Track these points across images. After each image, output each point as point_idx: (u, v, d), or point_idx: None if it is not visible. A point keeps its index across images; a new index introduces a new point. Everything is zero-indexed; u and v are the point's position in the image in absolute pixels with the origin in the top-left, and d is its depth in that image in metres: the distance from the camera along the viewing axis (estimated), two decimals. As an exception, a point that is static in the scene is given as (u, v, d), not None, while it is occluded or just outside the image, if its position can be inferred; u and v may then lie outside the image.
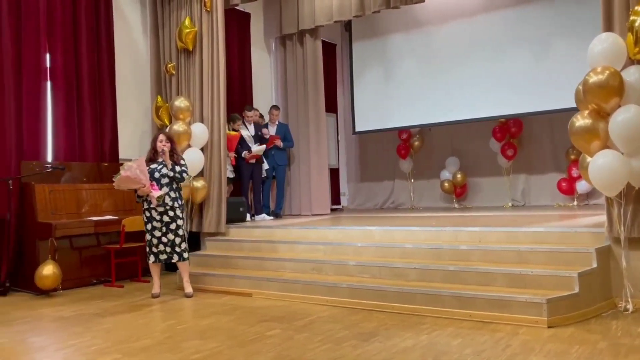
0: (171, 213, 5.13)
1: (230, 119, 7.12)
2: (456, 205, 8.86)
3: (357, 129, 9.45)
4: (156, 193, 4.99)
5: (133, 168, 4.86)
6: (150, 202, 5.05)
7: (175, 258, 5.18)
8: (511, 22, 7.76)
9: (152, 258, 5.20)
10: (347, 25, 9.52)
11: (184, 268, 5.29)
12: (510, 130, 8.28)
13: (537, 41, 7.53)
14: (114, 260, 5.89)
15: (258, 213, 7.50)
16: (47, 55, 6.10)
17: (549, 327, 3.67)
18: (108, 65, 6.64)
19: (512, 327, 3.71)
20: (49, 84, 6.11)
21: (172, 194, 5.15)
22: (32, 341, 3.81)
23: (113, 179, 4.99)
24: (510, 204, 8.39)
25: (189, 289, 5.25)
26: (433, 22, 8.49)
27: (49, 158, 6.09)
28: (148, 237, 5.18)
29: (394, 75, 8.89)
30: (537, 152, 8.34)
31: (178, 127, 6.14)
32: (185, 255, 5.24)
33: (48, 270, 5.27)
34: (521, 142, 8.39)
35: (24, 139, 5.83)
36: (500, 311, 3.87)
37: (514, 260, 4.38)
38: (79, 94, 6.35)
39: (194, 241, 6.48)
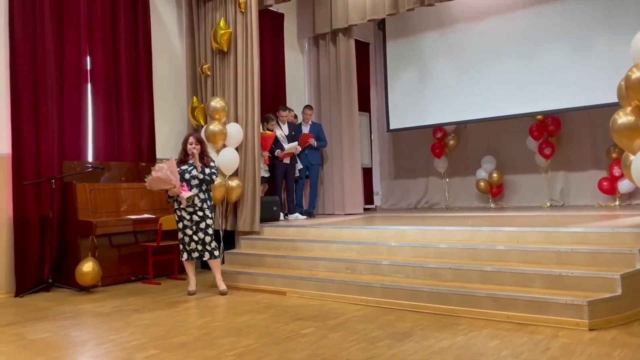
0: (200, 213, 5.22)
1: (264, 119, 7.19)
2: (492, 205, 8.71)
3: (391, 127, 9.39)
4: (186, 194, 5.09)
5: (164, 169, 4.97)
6: (180, 202, 5.15)
7: (207, 256, 5.28)
8: (549, 17, 7.58)
9: (185, 255, 5.31)
10: (381, 24, 9.47)
11: (215, 265, 5.37)
12: (547, 129, 8.09)
13: (577, 36, 7.34)
14: (151, 258, 6.02)
15: (291, 212, 7.54)
16: (88, 58, 6.27)
17: (590, 329, 3.57)
18: (146, 67, 6.79)
19: (551, 330, 3.63)
20: (89, 86, 6.29)
21: (202, 195, 5.24)
22: (74, 335, 3.93)
23: (145, 180, 5.11)
24: (548, 204, 8.20)
25: (222, 286, 5.32)
26: (468, 19, 8.37)
27: (90, 158, 6.26)
28: (180, 235, 5.29)
29: (428, 73, 8.80)
30: (577, 150, 8.13)
31: (214, 127, 6.23)
32: (217, 253, 5.32)
33: (88, 267, 5.42)
34: (560, 140, 8.19)
35: (66, 139, 6.01)
36: (539, 313, 3.79)
37: (553, 261, 4.28)
38: (118, 96, 6.51)
39: (229, 240, 6.56)
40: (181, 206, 5.17)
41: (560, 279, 3.99)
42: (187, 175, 5.19)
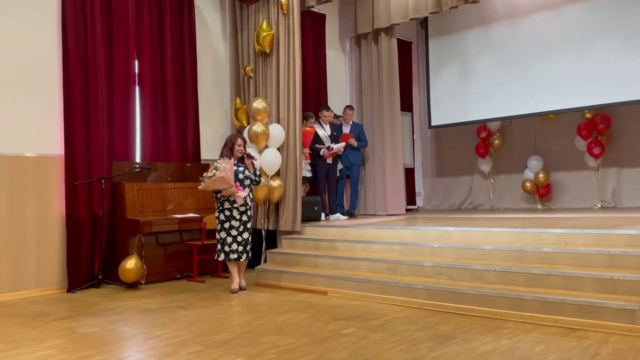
0: (249, 213, 5.40)
1: (303, 117, 7.18)
2: (539, 207, 8.47)
3: (433, 123, 9.26)
4: (242, 193, 5.25)
5: (227, 170, 5.09)
6: (232, 202, 5.25)
7: (244, 257, 5.39)
8: (598, 11, 7.31)
9: (222, 256, 5.38)
10: (423, 22, 9.36)
11: (244, 264, 5.54)
12: (597, 127, 7.80)
13: (627, 30, 7.05)
14: (195, 256, 6.14)
15: (332, 212, 7.54)
16: (136, 62, 6.46)
17: (643, 336, 3.43)
18: (191, 70, 6.94)
19: (601, 335, 3.50)
20: (137, 88, 6.48)
21: (251, 195, 5.43)
22: (122, 330, 4.05)
23: (202, 180, 5.19)
24: (599, 206, 7.90)
25: (243, 282, 5.52)
26: (513, 15, 8.17)
27: (137, 158, 6.44)
28: (223, 235, 5.35)
29: (472, 70, 8.64)
30: (629, 148, 7.81)
31: (257, 127, 6.30)
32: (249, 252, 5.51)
33: (130, 264, 5.58)
34: (610, 139, 7.89)
35: (115, 141, 6.21)
36: (589, 317, 3.67)
37: (604, 264, 4.12)
38: (164, 98, 6.68)
39: (270, 239, 6.62)
40: (234, 205, 5.27)
41: (612, 282, 3.84)
42: (240, 176, 5.33)
